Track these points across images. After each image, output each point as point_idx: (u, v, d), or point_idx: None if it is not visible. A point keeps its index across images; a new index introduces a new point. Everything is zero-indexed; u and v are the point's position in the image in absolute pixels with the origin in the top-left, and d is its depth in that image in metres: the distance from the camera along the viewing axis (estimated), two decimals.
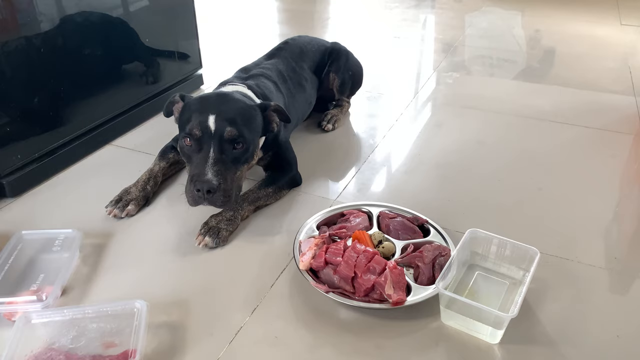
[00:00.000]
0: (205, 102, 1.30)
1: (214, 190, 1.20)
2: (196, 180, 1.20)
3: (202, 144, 1.24)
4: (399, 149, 1.75)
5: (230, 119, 1.24)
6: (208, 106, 1.27)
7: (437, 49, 2.77)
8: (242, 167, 1.30)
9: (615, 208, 1.44)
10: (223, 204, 1.24)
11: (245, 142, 1.26)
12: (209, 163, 1.21)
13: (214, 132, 1.23)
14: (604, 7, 3.48)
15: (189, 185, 1.22)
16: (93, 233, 1.31)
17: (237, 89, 1.44)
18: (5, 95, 1.40)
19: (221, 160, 1.23)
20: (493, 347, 1.01)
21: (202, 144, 1.24)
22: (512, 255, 1.16)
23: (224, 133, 1.23)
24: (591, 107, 2.06)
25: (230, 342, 1.02)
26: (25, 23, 1.43)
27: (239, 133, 1.24)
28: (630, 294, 1.15)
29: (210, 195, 1.20)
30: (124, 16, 1.77)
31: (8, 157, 1.44)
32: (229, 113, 1.25)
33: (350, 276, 1.10)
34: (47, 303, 1.04)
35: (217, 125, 1.23)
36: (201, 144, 1.24)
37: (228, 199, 1.23)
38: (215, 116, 1.23)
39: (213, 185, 1.19)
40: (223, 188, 1.21)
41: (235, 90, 1.43)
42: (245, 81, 1.52)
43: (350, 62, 1.92)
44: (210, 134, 1.23)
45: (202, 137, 1.23)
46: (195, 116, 1.25)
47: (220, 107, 1.26)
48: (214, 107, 1.26)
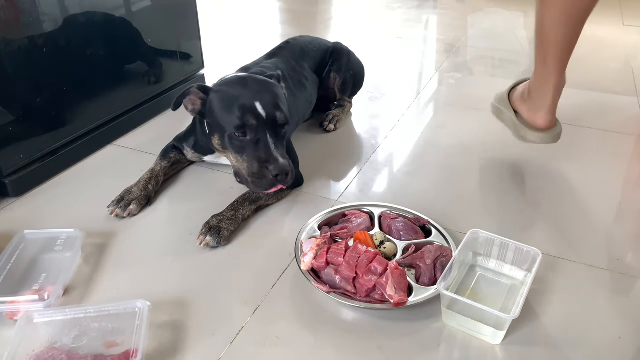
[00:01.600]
0: (239, 89, 1.30)
1: (290, 171, 1.26)
2: (273, 166, 1.23)
3: (257, 132, 1.26)
4: (400, 150, 1.75)
5: (274, 103, 1.29)
6: (246, 93, 1.28)
7: (439, 50, 2.77)
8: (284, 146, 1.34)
9: (617, 209, 1.44)
10: (291, 182, 1.29)
11: (288, 120, 1.32)
12: (272, 148, 1.25)
13: (265, 118, 1.26)
14: (607, 7, 3.47)
15: (260, 171, 1.25)
16: (95, 233, 1.31)
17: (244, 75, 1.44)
18: (7, 95, 1.41)
19: (279, 143, 1.28)
20: (495, 348, 1.01)
21: (257, 132, 1.26)
22: (514, 256, 1.15)
23: (276, 118, 1.27)
24: (593, 108, 2.06)
25: (232, 342, 1.02)
26: (28, 23, 1.43)
27: (286, 115, 1.29)
28: (632, 295, 1.15)
29: (288, 178, 1.25)
30: (126, 16, 1.77)
31: (10, 157, 1.45)
32: (269, 96, 1.29)
33: (352, 277, 1.10)
34: (49, 302, 1.04)
35: (266, 111, 1.26)
36: (256, 132, 1.26)
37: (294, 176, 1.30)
38: (259, 102, 1.26)
39: (289, 168, 1.25)
40: (291, 167, 1.27)
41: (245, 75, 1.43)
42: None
43: (352, 62, 1.92)
44: (263, 121, 1.26)
45: (256, 127, 1.26)
46: (240, 107, 1.26)
47: (258, 93, 1.29)
48: (253, 94, 1.28)
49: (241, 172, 1.32)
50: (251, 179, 1.28)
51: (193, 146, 1.54)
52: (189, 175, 1.59)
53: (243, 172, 1.31)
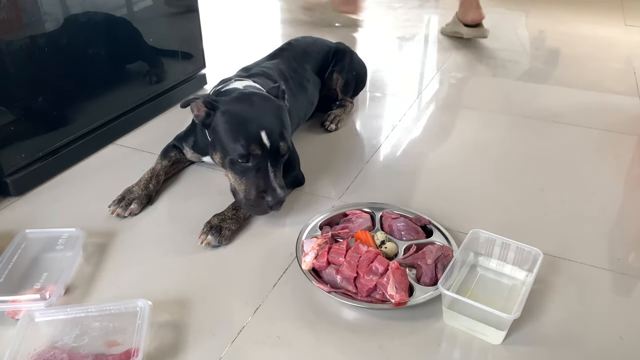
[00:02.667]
0: (246, 113, 1.29)
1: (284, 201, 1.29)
2: (268, 197, 1.26)
3: (259, 161, 1.27)
4: (402, 149, 1.75)
5: (280, 133, 1.28)
6: (253, 119, 1.27)
7: (440, 49, 2.77)
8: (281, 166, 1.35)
9: (619, 209, 1.44)
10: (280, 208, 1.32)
11: (290, 148, 1.32)
12: (271, 177, 1.27)
13: (269, 147, 1.26)
14: (609, 8, 3.47)
15: (257, 200, 1.26)
16: (96, 232, 1.31)
17: (246, 84, 1.44)
18: (9, 94, 1.41)
19: (277, 170, 1.29)
20: (495, 348, 1.01)
21: (259, 161, 1.27)
22: (515, 256, 1.15)
23: (279, 149, 1.28)
24: (595, 108, 2.06)
25: (233, 341, 1.02)
26: (30, 23, 1.43)
27: (288, 146, 1.30)
28: (634, 295, 1.14)
29: (280, 206, 1.29)
30: (127, 16, 1.77)
31: (12, 156, 1.45)
32: (276, 124, 1.28)
33: (353, 276, 1.10)
34: (51, 302, 1.04)
35: (271, 141, 1.26)
36: (258, 160, 1.27)
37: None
38: (264, 132, 1.25)
39: (285, 198, 1.29)
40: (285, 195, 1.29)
41: (246, 85, 1.43)
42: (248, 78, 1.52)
43: (354, 62, 1.92)
44: (267, 151, 1.26)
45: (260, 155, 1.26)
46: (246, 136, 1.25)
47: (265, 119, 1.28)
48: (260, 120, 1.27)
49: (237, 192, 1.32)
50: (245, 202, 1.29)
51: (192, 146, 1.54)
52: (190, 175, 1.59)
53: (239, 194, 1.31)
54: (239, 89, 1.40)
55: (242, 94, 1.36)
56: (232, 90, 1.40)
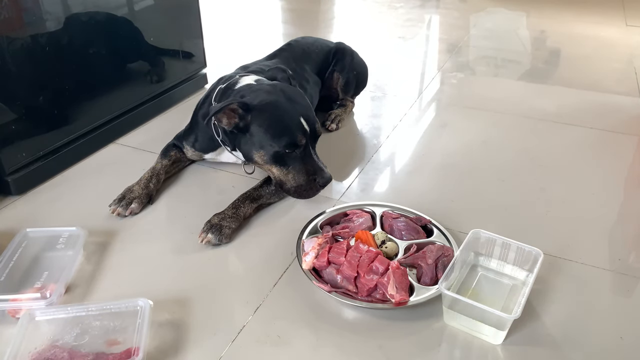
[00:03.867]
0: (283, 105, 1.33)
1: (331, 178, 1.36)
2: (319, 178, 1.33)
3: (304, 147, 1.33)
4: (402, 149, 1.75)
5: (313, 116, 1.36)
6: (290, 110, 1.32)
7: (441, 49, 2.77)
8: None
9: (619, 209, 1.44)
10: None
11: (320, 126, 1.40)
12: (316, 159, 1.35)
13: (310, 132, 1.34)
14: (610, 8, 3.47)
15: (309, 183, 1.33)
16: (97, 231, 1.31)
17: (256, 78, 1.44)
18: (10, 93, 1.41)
19: (315, 152, 1.37)
20: (496, 348, 1.01)
21: (304, 147, 1.33)
22: (516, 256, 1.15)
23: (316, 131, 1.36)
24: (596, 108, 2.06)
25: (233, 340, 1.02)
26: (31, 22, 1.43)
27: (319, 126, 1.38)
28: (634, 295, 1.14)
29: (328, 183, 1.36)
30: (128, 15, 1.77)
31: (13, 155, 1.45)
32: (308, 109, 1.37)
33: (353, 276, 1.10)
34: (51, 300, 1.05)
35: (309, 126, 1.33)
36: (304, 147, 1.33)
37: None
38: (302, 117, 1.32)
39: (331, 177, 1.36)
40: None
41: (257, 79, 1.44)
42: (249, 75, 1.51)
43: (355, 62, 1.92)
44: (307, 135, 1.33)
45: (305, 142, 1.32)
46: (290, 126, 1.30)
47: (299, 106, 1.35)
48: (296, 109, 1.33)
49: (285, 182, 1.35)
50: (296, 189, 1.34)
51: (193, 144, 1.54)
52: (190, 174, 1.59)
53: (288, 184, 1.34)
54: (254, 84, 1.40)
55: (267, 88, 1.37)
56: (247, 87, 1.39)
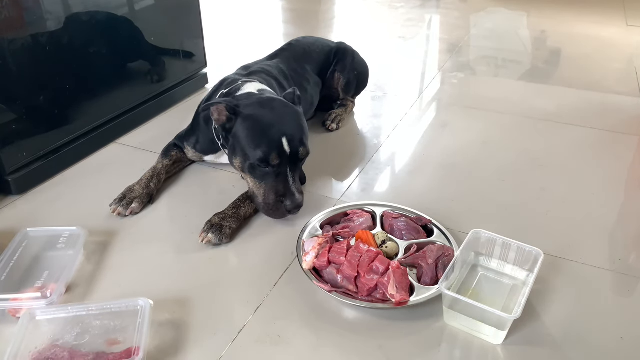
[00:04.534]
0: (267, 120, 1.29)
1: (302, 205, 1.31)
2: (287, 202, 1.28)
3: (279, 166, 1.28)
4: (403, 149, 1.75)
5: (300, 139, 1.29)
6: (274, 126, 1.28)
7: (442, 49, 2.77)
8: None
9: (620, 209, 1.44)
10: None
11: (309, 152, 1.33)
12: (291, 183, 1.29)
13: (289, 154, 1.28)
14: (610, 8, 3.47)
15: (276, 204, 1.29)
16: (97, 231, 1.31)
17: (259, 87, 1.43)
18: (11, 93, 1.41)
19: (295, 176, 1.31)
20: (496, 348, 1.01)
21: (279, 166, 1.28)
22: (516, 256, 1.15)
23: (298, 154, 1.30)
24: (596, 108, 2.05)
25: (233, 340, 1.02)
26: (32, 21, 1.43)
27: (307, 150, 1.32)
28: (635, 295, 1.14)
29: (298, 211, 1.31)
30: (129, 15, 1.77)
31: (14, 155, 1.45)
32: (297, 131, 1.30)
33: (354, 276, 1.10)
34: (52, 300, 1.05)
35: (291, 147, 1.28)
36: (278, 166, 1.28)
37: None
38: (286, 138, 1.27)
39: (302, 203, 1.31)
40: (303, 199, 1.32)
41: (259, 89, 1.42)
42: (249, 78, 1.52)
43: (356, 62, 1.92)
44: (286, 157, 1.28)
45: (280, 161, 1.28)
46: (268, 143, 1.26)
47: (286, 126, 1.29)
48: (281, 127, 1.28)
49: (256, 196, 1.33)
50: (264, 206, 1.32)
51: (194, 145, 1.54)
52: (191, 174, 1.59)
53: (258, 198, 1.32)
54: (255, 94, 1.39)
55: (262, 100, 1.35)
56: (247, 95, 1.39)
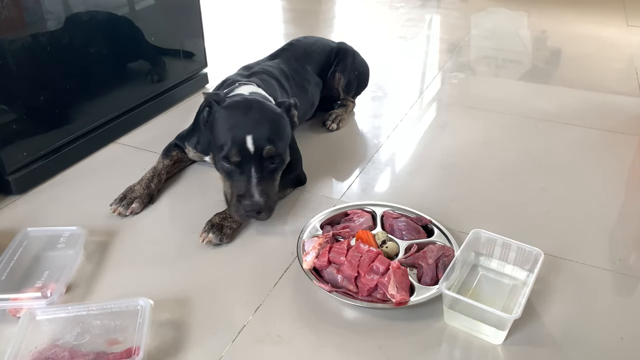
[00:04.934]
0: (235, 118, 1.28)
1: (264, 210, 1.24)
2: (245, 202, 1.23)
3: (242, 165, 1.25)
4: (403, 149, 1.75)
5: (268, 137, 1.25)
6: (242, 124, 1.26)
7: (442, 49, 2.77)
8: (278, 174, 1.32)
9: (620, 209, 1.44)
10: (268, 217, 1.27)
11: (281, 155, 1.29)
12: (253, 183, 1.23)
13: (253, 152, 1.24)
14: (611, 8, 3.46)
15: (237, 204, 1.25)
16: (97, 231, 1.31)
17: (252, 90, 1.42)
18: (11, 93, 1.41)
19: (262, 178, 1.25)
20: (496, 348, 1.01)
21: (243, 165, 1.25)
22: (516, 256, 1.15)
23: (263, 152, 1.24)
24: (597, 108, 2.05)
25: (233, 340, 1.02)
26: (32, 21, 1.43)
27: (276, 150, 1.26)
28: (635, 296, 1.14)
29: (259, 215, 1.24)
30: (129, 15, 1.77)
31: (14, 155, 1.45)
32: (264, 130, 1.25)
33: (354, 276, 1.10)
34: (52, 300, 1.05)
35: (255, 146, 1.23)
36: (241, 164, 1.25)
37: (272, 211, 1.28)
38: (252, 136, 1.23)
39: (262, 207, 1.23)
40: (269, 204, 1.25)
41: (251, 92, 1.41)
42: (250, 78, 1.52)
43: (357, 62, 1.92)
44: (249, 155, 1.24)
45: (241, 160, 1.24)
46: (231, 138, 1.24)
47: (255, 125, 1.25)
48: (249, 125, 1.25)
49: (225, 194, 1.32)
50: (229, 204, 1.29)
51: (195, 145, 1.54)
52: (191, 174, 1.59)
53: (226, 196, 1.31)
54: (243, 95, 1.39)
55: (242, 99, 1.35)
56: (237, 95, 1.39)
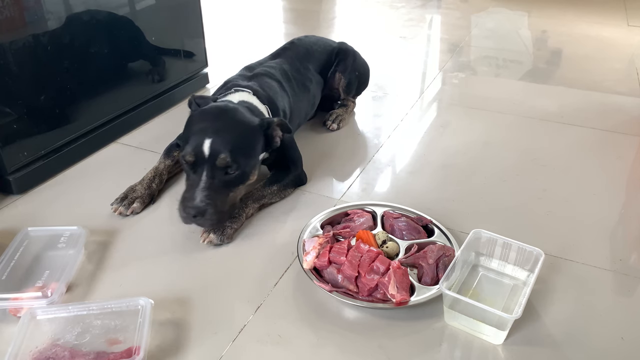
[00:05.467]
0: (204, 122, 1.27)
1: (201, 215, 1.20)
2: (185, 204, 1.21)
3: (196, 167, 1.23)
4: (403, 149, 1.75)
5: (226, 145, 1.22)
6: (206, 128, 1.24)
7: (443, 49, 2.77)
8: (237, 188, 1.28)
9: (621, 210, 1.44)
10: (212, 226, 1.24)
11: (240, 167, 1.24)
12: (200, 187, 1.20)
13: (208, 157, 1.21)
14: (611, 8, 3.46)
15: (181, 203, 1.23)
16: (98, 230, 1.31)
17: (243, 98, 1.41)
18: (12, 92, 1.41)
19: (212, 185, 1.22)
20: (496, 348, 1.01)
21: (197, 167, 1.23)
22: (517, 256, 1.15)
23: (215, 161, 1.21)
24: (597, 109, 2.05)
25: (234, 340, 1.02)
26: (33, 21, 1.43)
27: (232, 159, 1.22)
28: (635, 296, 1.14)
29: (197, 220, 1.21)
30: (130, 15, 1.77)
31: (14, 154, 1.45)
32: (226, 138, 1.23)
33: (354, 276, 1.10)
34: (52, 299, 1.05)
35: (211, 151, 1.21)
36: (196, 166, 1.23)
37: (218, 220, 1.24)
38: (211, 140, 1.21)
39: (200, 211, 1.19)
40: (211, 212, 1.21)
41: (241, 100, 1.40)
42: (250, 81, 1.52)
43: (358, 62, 1.92)
44: (204, 158, 1.22)
45: (196, 161, 1.22)
46: (192, 139, 1.23)
47: (218, 131, 1.24)
48: (212, 130, 1.23)
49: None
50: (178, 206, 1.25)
51: None
52: None
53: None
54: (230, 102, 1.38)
55: (220, 105, 1.34)
56: (223, 101, 1.39)
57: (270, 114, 1.45)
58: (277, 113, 1.49)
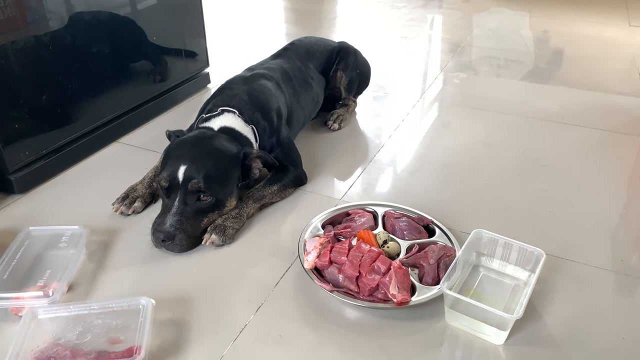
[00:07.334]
0: (182, 149, 1.30)
1: (170, 239, 1.21)
2: (155, 228, 1.23)
3: (170, 192, 1.25)
4: (405, 149, 1.75)
5: (199, 171, 1.24)
6: (182, 155, 1.27)
7: (444, 49, 2.77)
8: (211, 215, 1.29)
9: (622, 210, 1.44)
10: (181, 251, 1.24)
11: (213, 195, 1.26)
12: (171, 212, 1.22)
13: (181, 182, 1.23)
14: (613, 8, 3.46)
15: (153, 227, 1.24)
16: (99, 230, 1.32)
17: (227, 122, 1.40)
18: (13, 92, 1.41)
19: (184, 211, 1.23)
20: (497, 348, 1.01)
21: (170, 192, 1.25)
22: (518, 257, 1.15)
23: (187, 186, 1.23)
24: (598, 109, 2.05)
25: (235, 340, 1.02)
26: (34, 21, 1.44)
27: (205, 186, 1.23)
28: (636, 296, 1.14)
29: (165, 244, 1.22)
30: (131, 15, 1.77)
31: (16, 154, 1.46)
32: (200, 164, 1.25)
33: (355, 275, 1.10)
34: (54, 299, 1.05)
35: (185, 177, 1.23)
36: (170, 192, 1.25)
37: (188, 246, 1.25)
38: (186, 167, 1.24)
39: (168, 236, 1.21)
40: (180, 237, 1.22)
41: (222, 126, 1.39)
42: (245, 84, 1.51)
43: (358, 61, 1.93)
44: (178, 184, 1.24)
45: (170, 187, 1.24)
46: (167, 165, 1.26)
47: (193, 158, 1.25)
48: (188, 157, 1.26)
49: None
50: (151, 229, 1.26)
51: None
52: None
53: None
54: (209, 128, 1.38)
55: (198, 134, 1.35)
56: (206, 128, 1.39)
57: (257, 135, 1.44)
58: (269, 115, 1.48)
